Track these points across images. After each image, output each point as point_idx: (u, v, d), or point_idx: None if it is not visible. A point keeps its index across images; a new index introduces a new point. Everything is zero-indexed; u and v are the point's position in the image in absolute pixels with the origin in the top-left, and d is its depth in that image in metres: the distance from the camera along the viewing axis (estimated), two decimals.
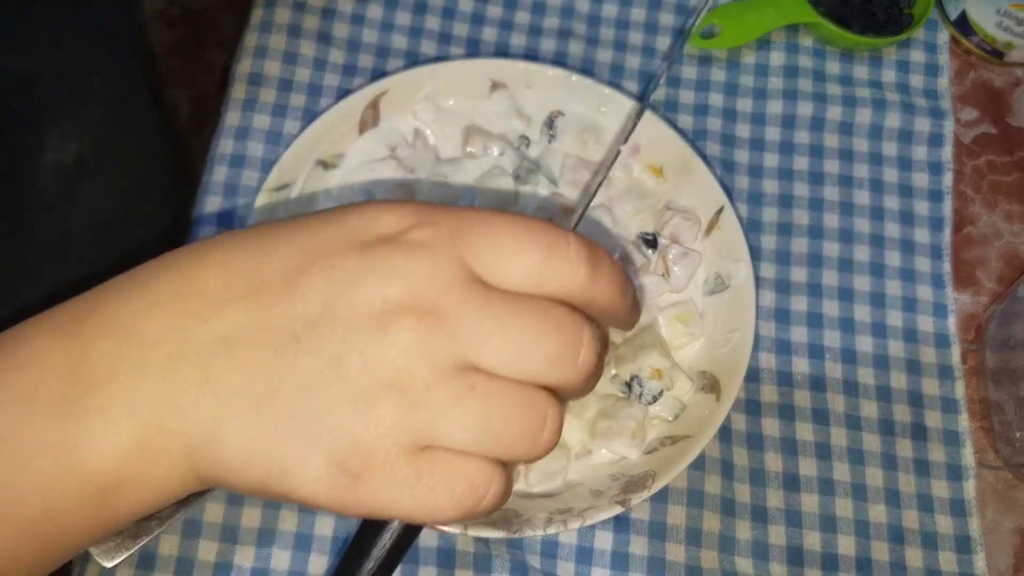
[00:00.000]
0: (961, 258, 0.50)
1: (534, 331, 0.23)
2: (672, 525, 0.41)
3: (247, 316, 0.23)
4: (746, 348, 0.42)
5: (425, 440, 0.23)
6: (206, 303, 0.23)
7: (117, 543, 0.36)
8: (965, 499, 0.44)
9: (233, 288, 0.23)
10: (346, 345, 0.22)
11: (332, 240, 0.24)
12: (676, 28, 0.54)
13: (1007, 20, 0.52)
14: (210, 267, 0.24)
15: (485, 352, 0.23)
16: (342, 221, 0.24)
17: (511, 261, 0.23)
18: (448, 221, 0.23)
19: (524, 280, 0.23)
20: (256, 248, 0.24)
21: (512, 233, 0.23)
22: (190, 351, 0.23)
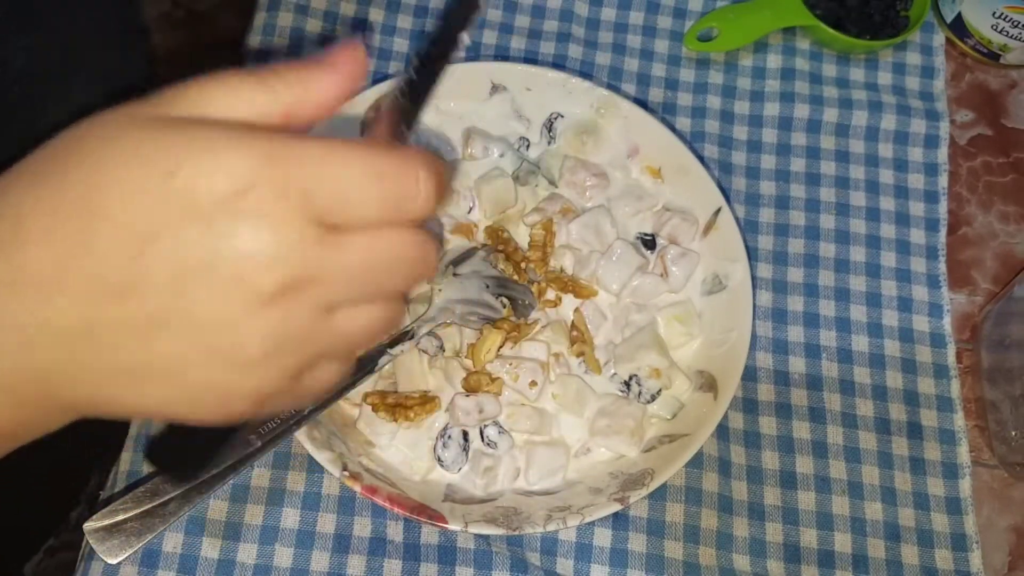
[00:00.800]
0: (957, 258, 0.51)
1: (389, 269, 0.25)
2: (670, 522, 0.42)
3: (96, 301, 0.22)
4: (743, 347, 0.42)
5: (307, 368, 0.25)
6: (43, 286, 0.22)
7: (122, 540, 0.37)
8: (961, 497, 0.44)
9: (66, 268, 0.22)
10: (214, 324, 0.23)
11: (166, 208, 0.22)
12: (674, 31, 0.55)
13: (1003, 23, 0.53)
14: (34, 242, 0.22)
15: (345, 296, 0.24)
16: (170, 180, 0.22)
17: (362, 211, 0.23)
18: (291, 176, 0.22)
19: (373, 222, 0.24)
20: (78, 215, 0.22)
21: (362, 182, 0.23)
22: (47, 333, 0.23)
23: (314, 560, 0.40)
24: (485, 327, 0.42)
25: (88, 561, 0.40)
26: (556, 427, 0.43)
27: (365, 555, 0.40)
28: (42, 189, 0.22)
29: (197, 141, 0.22)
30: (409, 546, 0.41)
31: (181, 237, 0.22)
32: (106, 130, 0.23)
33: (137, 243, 0.22)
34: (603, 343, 0.44)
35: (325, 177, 0.22)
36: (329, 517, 0.41)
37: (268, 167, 0.22)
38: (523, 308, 0.44)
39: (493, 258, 0.45)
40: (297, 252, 0.22)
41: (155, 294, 0.22)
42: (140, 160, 0.22)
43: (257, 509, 0.41)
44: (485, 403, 0.41)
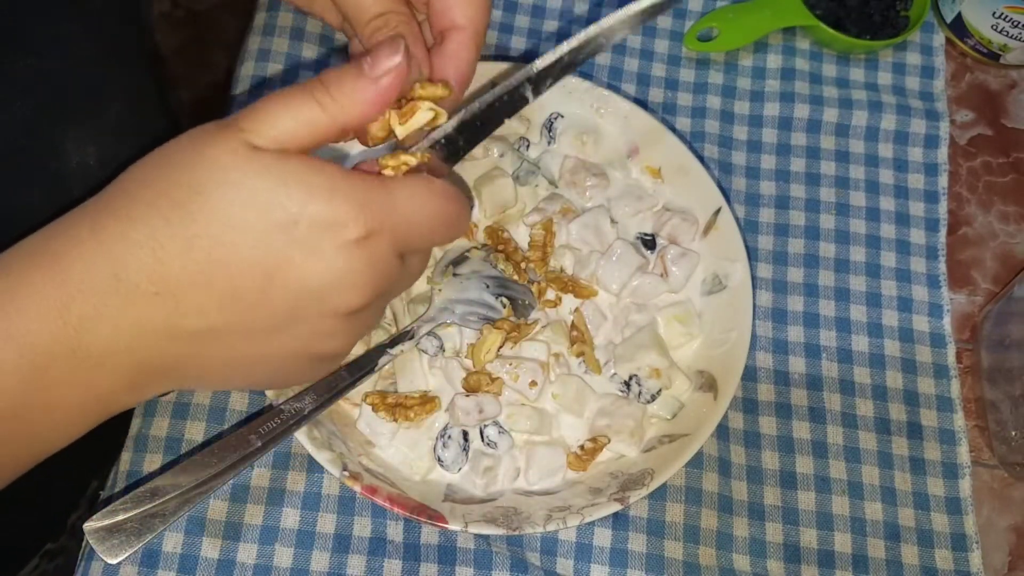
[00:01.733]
0: (956, 258, 0.51)
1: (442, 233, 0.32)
2: (670, 522, 0.42)
3: (229, 318, 0.29)
4: (743, 347, 0.42)
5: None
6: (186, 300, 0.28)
7: (121, 540, 0.37)
8: (961, 497, 0.44)
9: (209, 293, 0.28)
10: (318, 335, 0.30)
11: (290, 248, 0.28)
12: (674, 31, 0.55)
13: (1003, 23, 0.53)
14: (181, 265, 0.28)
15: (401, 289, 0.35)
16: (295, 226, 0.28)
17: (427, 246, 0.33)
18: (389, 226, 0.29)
19: (427, 249, 0.34)
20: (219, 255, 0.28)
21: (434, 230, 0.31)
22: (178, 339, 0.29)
23: (314, 560, 0.40)
24: (485, 327, 0.42)
25: (88, 561, 0.40)
26: (556, 427, 0.43)
27: (365, 555, 0.40)
28: (175, 227, 0.27)
29: (313, 194, 0.28)
30: (409, 546, 0.41)
31: (301, 270, 0.28)
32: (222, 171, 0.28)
33: (265, 274, 0.28)
34: (603, 343, 0.44)
35: (410, 223, 0.30)
36: (329, 517, 0.41)
37: (369, 213, 0.28)
38: (523, 308, 0.44)
39: (493, 258, 0.45)
40: (383, 278, 0.30)
41: (277, 311, 0.29)
42: (266, 207, 0.28)
43: (257, 509, 0.41)
44: (485, 403, 0.41)
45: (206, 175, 0.27)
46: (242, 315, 0.29)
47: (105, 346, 0.28)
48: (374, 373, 0.40)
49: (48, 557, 0.53)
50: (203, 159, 0.28)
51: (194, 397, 0.43)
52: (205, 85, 1.21)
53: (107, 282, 0.27)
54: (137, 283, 0.27)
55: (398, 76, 0.29)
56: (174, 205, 0.27)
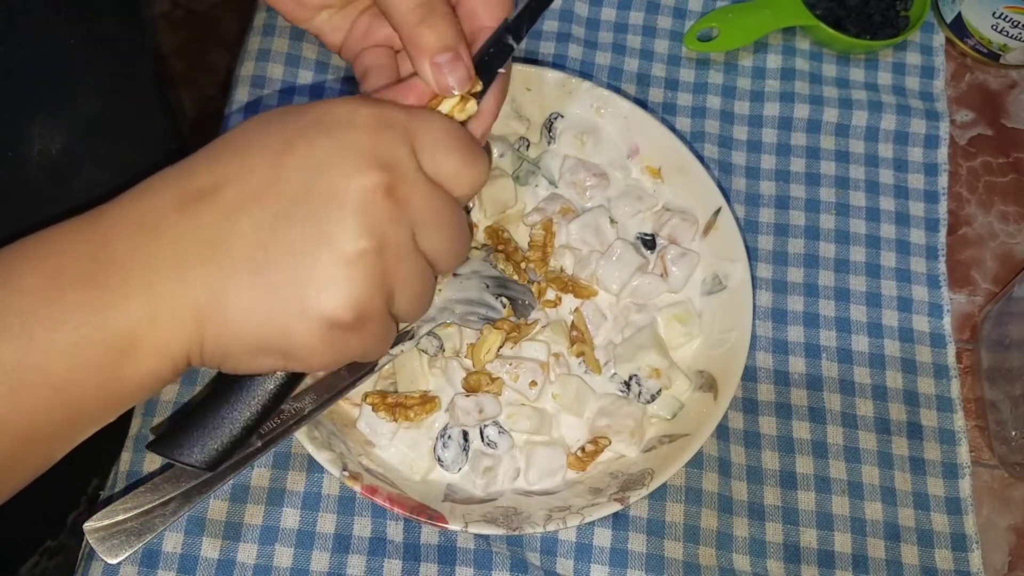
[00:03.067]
0: (956, 258, 0.51)
1: (446, 226, 0.30)
2: (670, 522, 0.42)
3: (240, 197, 0.27)
4: (743, 347, 0.42)
5: (391, 293, 0.29)
6: (203, 192, 0.28)
7: (121, 540, 0.37)
8: (961, 497, 0.44)
9: (224, 177, 0.28)
10: (334, 216, 0.27)
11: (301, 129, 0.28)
12: (674, 31, 0.55)
13: (1003, 23, 0.53)
14: (200, 168, 0.28)
15: (421, 231, 0.30)
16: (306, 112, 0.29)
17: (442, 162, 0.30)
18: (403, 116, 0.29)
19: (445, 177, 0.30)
20: (236, 143, 0.29)
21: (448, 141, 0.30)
22: (194, 231, 0.27)
23: (314, 560, 0.40)
24: (485, 327, 0.42)
25: (88, 561, 0.40)
26: (556, 427, 0.43)
27: (365, 555, 0.40)
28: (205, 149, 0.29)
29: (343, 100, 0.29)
30: (409, 546, 0.41)
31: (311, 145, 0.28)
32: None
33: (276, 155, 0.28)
34: (603, 343, 0.44)
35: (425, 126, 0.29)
36: (329, 517, 0.41)
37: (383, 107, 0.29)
38: (523, 308, 0.44)
39: (493, 258, 0.45)
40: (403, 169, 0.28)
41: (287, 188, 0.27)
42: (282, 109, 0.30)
43: (257, 509, 0.41)
44: (485, 403, 0.41)
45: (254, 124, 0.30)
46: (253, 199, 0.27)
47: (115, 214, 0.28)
48: (374, 373, 0.40)
49: (48, 555, 0.53)
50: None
51: (194, 396, 0.43)
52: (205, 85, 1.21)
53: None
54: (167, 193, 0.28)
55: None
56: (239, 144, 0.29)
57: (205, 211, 0.27)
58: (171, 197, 0.28)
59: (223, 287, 0.27)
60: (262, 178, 0.28)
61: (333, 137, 0.28)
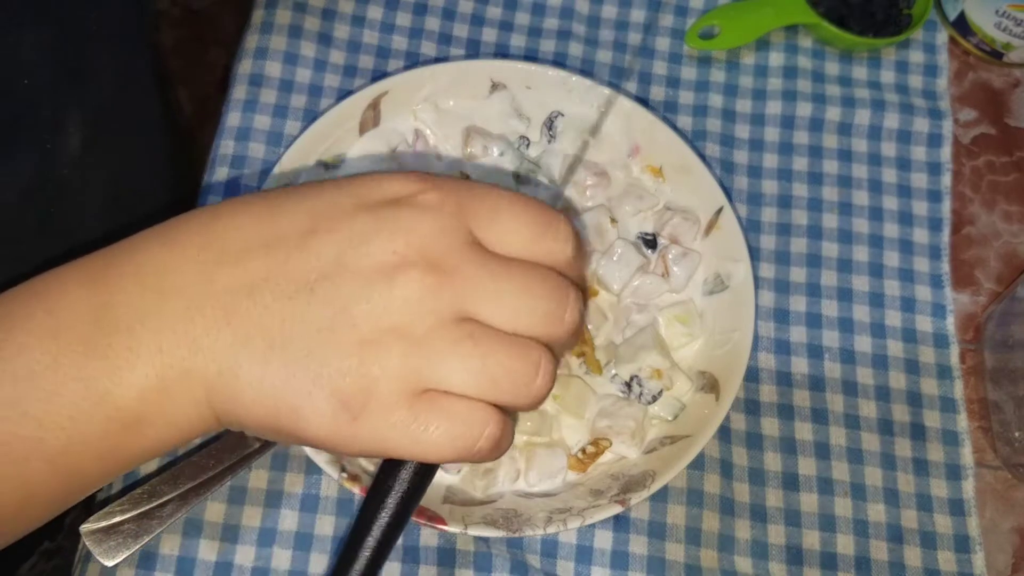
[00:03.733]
0: (960, 258, 0.50)
1: (527, 291, 0.26)
2: (671, 524, 0.41)
3: (265, 267, 0.25)
4: (745, 348, 0.42)
5: (425, 383, 0.25)
6: (226, 255, 0.26)
7: (118, 542, 0.36)
8: (964, 499, 0.44)
9: (250, 242, 0.26)
10: (356, 295, 0.25)
11: (341, 202, 0.26)
12: (675, 29, 0.54)
13: (1006, 21, 0.53)
14: (227, 224, 0.26)
15: (483, 306, 0.25)
16: (350, 185, 0.26)
17: (509, 234, 0.26)
18: (454, 190, 0.26)
19: (520, 251, 0.26)
20: (268, 209, 0.26)
21: (512, 210, 0.26)
22: (212, 297, 0.25)
23: (312, 562, 0.40)
24: None
25: (85, 563, 0.39)
26: (556, 428, 0.42)
27: None
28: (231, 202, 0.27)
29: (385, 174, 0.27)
30: (408, 548, 0.40)
31: (349, 221, 0.25)
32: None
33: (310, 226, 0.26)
34: (604, 343, 0.44)
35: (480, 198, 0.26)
36: (327, 519, 0.41)
37: (432, 183, 0.26)
38: None
39: None
40: (449, 241, 0.25)
41: (315, 263, 0.25)
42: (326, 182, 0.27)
43: (255, 511, 0.40)
44: None
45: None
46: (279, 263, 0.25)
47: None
48: None
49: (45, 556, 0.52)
50: None
51: None
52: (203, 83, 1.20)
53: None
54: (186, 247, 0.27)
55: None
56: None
57: (225, 275, 0.25)
58: (190, 256, 0.26)
59: (236, 359, 0.25)
60: (292, 248, 0.25)
61: (374, 213, 0.25)
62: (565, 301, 0.26)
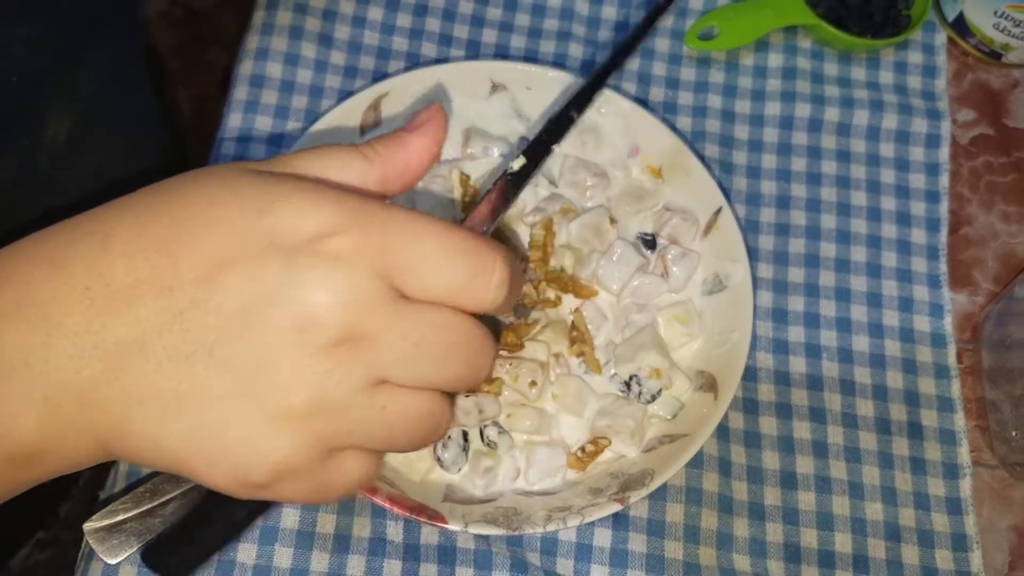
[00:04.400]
0: (958, 258, 0.51)
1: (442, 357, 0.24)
2: (671, 522, 0.42)
3: (159, 319, 0.23)
4: (744, 348, 0.42)
5: (332, 447, 0.24)
6: (117, 295, 0.23)
7: (121, 540, 0.37)
8: (961, 497, 0.44)
9: (142, 282, 0.23)
10: (260, 364, 0.23)
11: (251, 240, 0.23)
12: (675, 30, 0.55)
13: (1004, 22, 0.53)
14: (119, 254, 0.23)
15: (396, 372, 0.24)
16: (261, 216, 0.23)
17: (434, 286, 0.24)
18: (375, 232, 0.23)
19: (444, 299, 0.24)
20: (166, 239, 0.23)
21: (437, 256, 0.24)
22: (99, 348, 0.23)
23: (314, 560, 0.40)
24: None
25: (88, 561, 0.40)
26: (556, 427, 0.43)
27: (365, 555, 0.40)
28: (134, 213, 0.24)
29: (294, 188, 0.23)
30: (409, 546, 0.40)
31: (256, 268, 0.22)
32: (213, 174, 0.24)
33: (214, 265, 0.22)
34: (603, 343, 0.44)
35: (405, 240, 0.23)
36: (329, 517, 0.41)
37: (353, 219, 0.23)
38: (523, 308, 0.44)
39: None
40: (364, 303, 0.23)
41: (215, 315, 0.22)
42: (237, 198, 0.23)
43: None
44: (485, 403, 0.41)
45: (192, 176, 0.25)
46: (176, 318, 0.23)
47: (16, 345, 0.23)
48: None
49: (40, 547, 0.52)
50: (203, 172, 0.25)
51: None
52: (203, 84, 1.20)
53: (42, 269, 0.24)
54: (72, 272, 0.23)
55: (439, 129, 0.27)
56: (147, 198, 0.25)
57: (117, 319, 0.23)
58: (78, 289, 0.23)
59: (128, 418, 0.23)
60: (191, 295, 0.23)
61: (287, 262, 0.22)
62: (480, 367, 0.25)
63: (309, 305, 0.22)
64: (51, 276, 0.23)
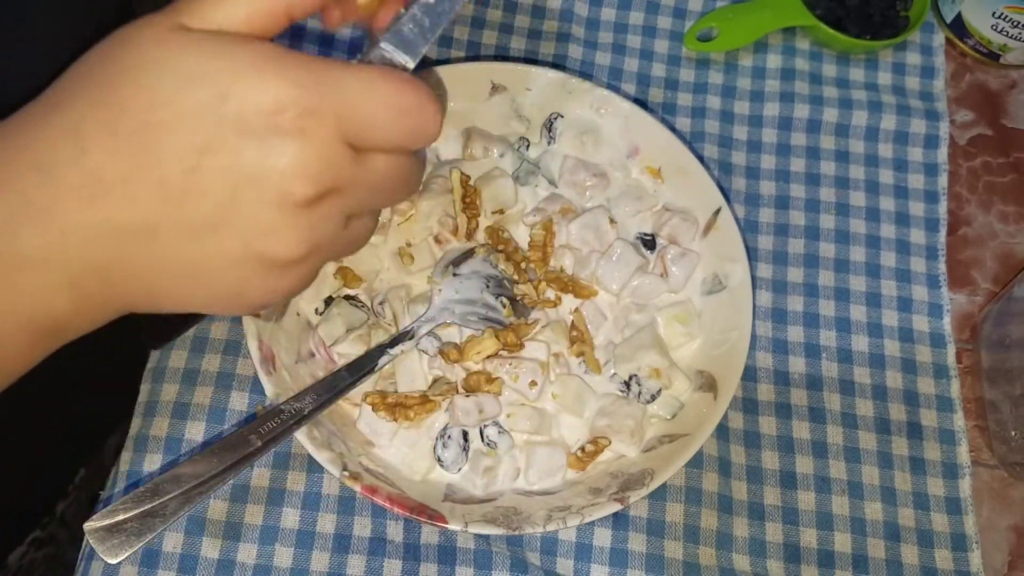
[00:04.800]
0: (956, 258, 0.51)
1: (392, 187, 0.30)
2: (670, 522, 0.42)
3: (159, 205, 0.26)
4: (743, 347, 0.42)
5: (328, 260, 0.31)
6: (110, 192, 0.26)
7: (121, 540, 0.37)
8: (961, 497, 0.44)
9: (132, 178, 0.26)
10: (261, 230, 0.27)
11: (223, 126, 0.26)
12: (674, 31, 0.55)
13: (1003, 23, 0.53)
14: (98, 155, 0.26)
15: (361, 207, 0.29)
16: (225, 102, 0.25)
17: (385, 138, 0.28)
18: (332, 102, 0.26)
19: (391, 147, 0.29)
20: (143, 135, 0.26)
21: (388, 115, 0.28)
22: (110, 234, 0.26)
23: (314, 560, 0.40)
24: (488, 329, 0.42)
25: (88, 561, 0.40)
26: (556, 427, 0.43)
27: (365, 555, 0.40)
28: (100, 109, 0.26)
29: (243, 67, 0.26)
30: (409, 546, 0.41)
31: (233, 151, 0.25)
32: (149, 49, 0.26)
33: (195, 155, 0.25)
34: (603, 343, 0.44)
35: (357, 105, 0.27)
36: (329, 517, 0.41)
37: (308, 92, 0.26)
38: (523, 308, 0.44)
39: (493, 258, 0.45)
40: (331, 166, 0.27)
41: (210, 200, 0.26)
42: (193, 83, 0.25)
43: (257, 509, 0.41)
44: (485, 403, 0.41)
45: (133, 56, 0.26)
46: (174, 205, 0.26)
47: (32, 245, 0.26)
48: (374, 373, 0.40)
49: (36, 545, 0.52)
50: (132, 43, 0.26)
51: (194, 397, 0.43)
52: None
53: (31, 175, 0.26)
54: (61, 175, 0.25)
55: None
56: (98, 89, 0.26)
57: (118, 210, 0.26)
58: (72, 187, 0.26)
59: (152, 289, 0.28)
60: (182, 186, 0.26)
61: (260, 141, 0.26)
62: (416, 186, 0.32)
63: (288, 177, 0.26)
64: (44, 183, 0.26)
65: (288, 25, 0.28)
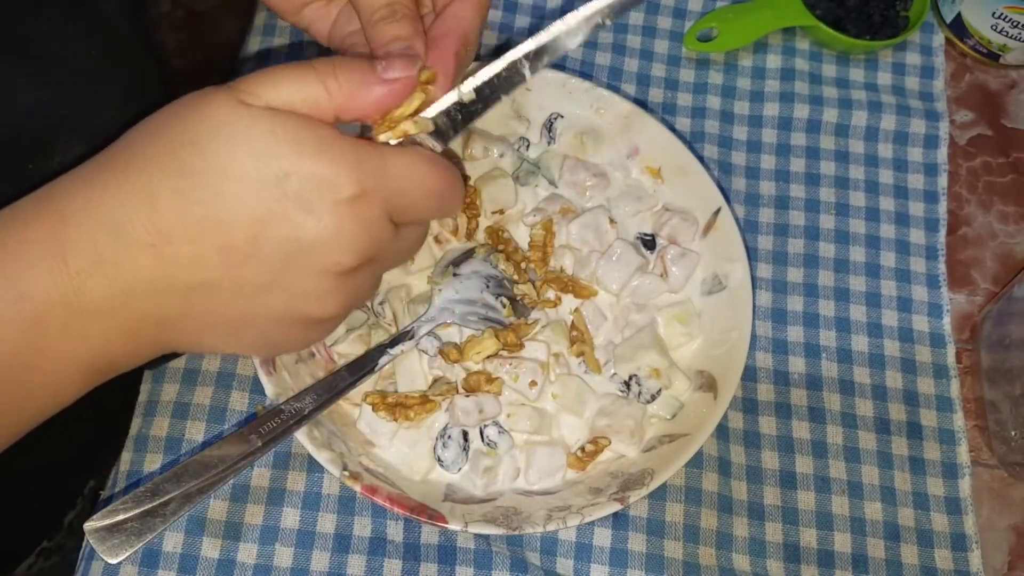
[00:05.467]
0: (956, 258, 0.51)
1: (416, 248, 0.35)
2: (670, 522, 0.42)
3: (222, 270, 0.29)
4: (743, 347, 0.42)
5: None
6: (179, 253, 0.28)
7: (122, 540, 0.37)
8: (960, 497, 0.44)
9: (199, 242, 0.28)
10: (306, 293, 0.30)
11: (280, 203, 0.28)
12: (673, 32, 0.55)
13: (1002, 23, 0.53)
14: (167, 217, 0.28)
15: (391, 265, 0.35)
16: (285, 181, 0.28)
17: (419, 216, 0.33)
18: (379, 186, 0.30)
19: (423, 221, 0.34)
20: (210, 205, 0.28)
21: (426, 197, 0.32)
22: (174, 289, 0.29)
23: (314, 560, 0.40)
24: (488, 329, 0.42)
25: (88, 561, 0.40)
26: (556, 427, 0.43)
27: (365, 555, 0.40)
28: (171, 175, 0.28)
29: (305, 148, 0.28)
30: (409, 546, 0.41)
31: (292, 224, 0.29)
32: (219, 122, 0.28)
33: (258, 225, 0.28)
34: (603, 343, 0.44)
35: (402, 191, 0.31)
36: (329, 517, 0.41)
37: (361, 175, 0.29)
38: (523, 308, 0.44)
39: (493, 258, 0.45)
40: (376, 242, 0.30)
41: (266, 265, 0.29)
42: (260, 159, 0.28)
43: (257, 509, 0.41)
44: (485, 403, 0.41)
45: (202, 128, 0.28)
46: (235, 268, 0.29)
47: (101, 297, 0.28)
48: (374, 373, 0.40)
49: (45, 555, 0.53)
50: (199, 114, 0.28)
51: (194, 397, 0.43)
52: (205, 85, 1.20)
53: (103, 232, 0.28)
54: (133, 233, 0.28)
55: (406, 86, 0.31)
56: (169, 156, 0.28)
57: (185, 269, 0.28)
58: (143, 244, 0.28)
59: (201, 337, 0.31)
60: (245, 251, 0.29)
61: (317, 220, 0.29)
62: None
63: (338, 250, 0.29)
64: (115, 240, 0.28)
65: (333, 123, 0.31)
